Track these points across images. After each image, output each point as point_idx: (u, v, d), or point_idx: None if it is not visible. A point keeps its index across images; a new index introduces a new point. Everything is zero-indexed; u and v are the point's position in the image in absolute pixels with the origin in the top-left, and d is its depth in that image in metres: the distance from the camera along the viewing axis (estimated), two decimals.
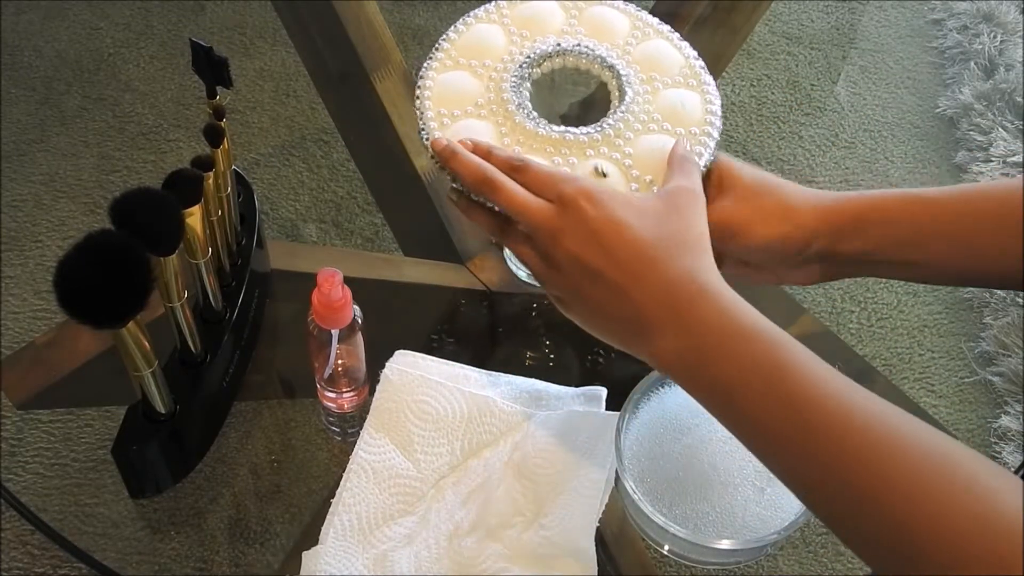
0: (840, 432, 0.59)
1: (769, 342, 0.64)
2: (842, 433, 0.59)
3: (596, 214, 0.69)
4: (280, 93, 1.17)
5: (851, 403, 0.61)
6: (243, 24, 1.23)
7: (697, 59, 0.93)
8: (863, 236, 0.74)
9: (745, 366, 0.63)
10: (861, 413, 0.60)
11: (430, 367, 0.91)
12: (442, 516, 0.85)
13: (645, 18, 0.94)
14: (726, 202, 0.76)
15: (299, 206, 1.07)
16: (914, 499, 0.56)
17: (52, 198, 1.07)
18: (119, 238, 0.71)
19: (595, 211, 0.69)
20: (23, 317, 0.98)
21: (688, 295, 0.66)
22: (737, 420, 0.64)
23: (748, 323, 0.65)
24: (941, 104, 1.21)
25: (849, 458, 0.59)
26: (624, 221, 0.69)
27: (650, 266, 0.67)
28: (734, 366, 0.64)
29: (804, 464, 0.61)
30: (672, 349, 0.66)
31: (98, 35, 1.21)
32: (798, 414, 0.61)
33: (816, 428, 0.60)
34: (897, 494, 0.57)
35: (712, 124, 0.87)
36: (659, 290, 0.67)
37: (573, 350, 0.99)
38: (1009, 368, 0.99)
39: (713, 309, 0.66)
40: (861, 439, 0.59)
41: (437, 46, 0.91)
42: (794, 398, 0.61)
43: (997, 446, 0.95)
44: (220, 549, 0.86)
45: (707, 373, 0.65)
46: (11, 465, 0.90)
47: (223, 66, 0.84)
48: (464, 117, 0.87)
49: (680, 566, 0.85)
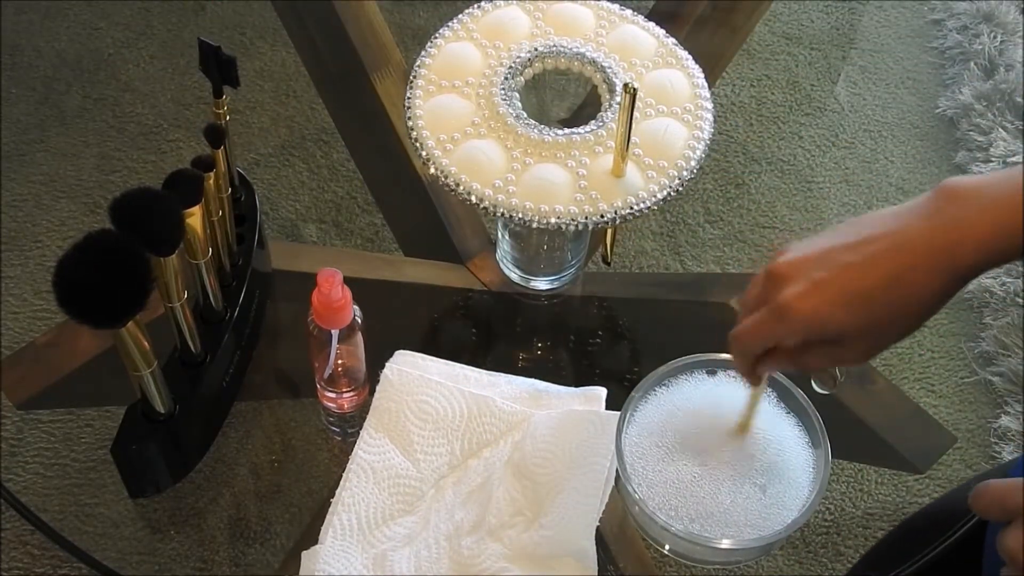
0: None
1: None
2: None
3: (784, 259, 0.67)
4: (280, 93, 1.17)
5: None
6: (243, 24, 1.23)
7: (667, 36, 0.95)
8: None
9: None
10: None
11: (430, 367, 0.91)
12: (442, 516, 0.85)
13: (606, 6, 0.96)
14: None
15: (299, 206, 1.07)
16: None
17: (52, 198, 1.07)
18: (119, 238, 0.71)
19: (782, 258, 0.67)
20: (23, 317, 0.98)
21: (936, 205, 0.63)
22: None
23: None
24: (941, 104, 1.21)
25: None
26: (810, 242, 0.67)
27: (878, 226, 0.65)
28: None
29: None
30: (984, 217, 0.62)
31: (98, 35, 1.21)
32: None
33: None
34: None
35: (702, 96, 0.88)
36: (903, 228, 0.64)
37: (573, 350, 0.99)
38: (1009, 368, 0.99)
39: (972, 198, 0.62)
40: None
41: (414, 73, 0.92)
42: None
43: (997, 446, 0.95)
44: (220, 549, 0.86)
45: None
46: (11, 465, 0.90)
47: (231, 65, 0.84)
48: (465, 139, 0.87)
49: (680, 566, 0.85)
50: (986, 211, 0.62)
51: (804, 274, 0.65)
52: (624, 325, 1.02)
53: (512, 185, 0.86)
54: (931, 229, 0.63)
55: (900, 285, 0.63)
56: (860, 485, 0.92)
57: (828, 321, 0.65)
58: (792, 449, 0.82)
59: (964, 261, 0.62)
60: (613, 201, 0.86)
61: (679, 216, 1.09)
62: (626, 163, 0.86)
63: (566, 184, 0.86)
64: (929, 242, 0.63)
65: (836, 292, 0.65)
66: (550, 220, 0.85)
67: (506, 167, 0.87)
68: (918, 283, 0.63)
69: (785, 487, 0.80)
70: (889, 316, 0.64)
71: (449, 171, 0.87)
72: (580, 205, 0.86)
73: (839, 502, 0.91)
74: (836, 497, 0.92)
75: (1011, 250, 0.62)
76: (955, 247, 0.62)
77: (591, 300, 1.03)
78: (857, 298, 0.64)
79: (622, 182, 0.86)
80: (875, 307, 0.64)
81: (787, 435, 0.83)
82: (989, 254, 0.62)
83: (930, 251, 0.63)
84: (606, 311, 1.03)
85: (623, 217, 0.86)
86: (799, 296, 0.65)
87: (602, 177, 0.87)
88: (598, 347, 0.99)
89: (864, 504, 0.91)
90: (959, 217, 0.62)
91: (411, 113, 0.90)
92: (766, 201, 1.11)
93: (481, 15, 0.95)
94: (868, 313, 0.64)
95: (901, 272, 0.63)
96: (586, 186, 0.86)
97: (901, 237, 0.64)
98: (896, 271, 0.63)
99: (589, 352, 0.98)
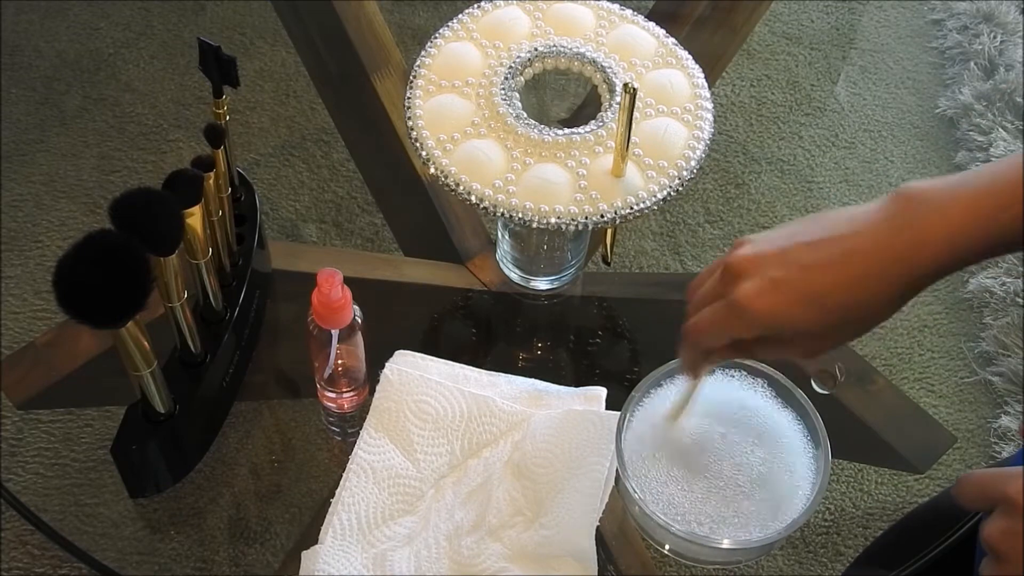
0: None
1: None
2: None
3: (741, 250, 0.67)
4: (280, 93, 1.17)
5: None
6: (243, 24, 1.23)
7: (667, 36, 0.95)
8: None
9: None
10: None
11: (430, 367, 0.91)
12: (442, 516, 0.85)
13: (606, 6, 0.96)
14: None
15: (299, 206, 1.07)
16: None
17: (52, 198, 1.07)
18: (119, 238, 0.71)
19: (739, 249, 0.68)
20: (23, 317, 0.98)
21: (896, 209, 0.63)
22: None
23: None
24: (941, 104, 1.21)
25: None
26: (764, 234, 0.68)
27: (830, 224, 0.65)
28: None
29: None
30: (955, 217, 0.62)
31: (98, 35, 1.21)
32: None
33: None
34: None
35: (702, 96, 0.88)
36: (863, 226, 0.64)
37: (573, 350, 0.99)
38: (1009, 368, 0.99)
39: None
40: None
41: (414, 73, 0.92)
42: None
43: (997, 446, 0.95)
44: (220, 549, 0.86)
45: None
46: (11, 465, 0.90)
47: (231, 65, 0.84)
48: (465, 139, 0.87)
49: (680, 566, 0.85)
50: (944, 215, 0.62)
51: (761, 271, 0.66)
52: (624, 325, 1.02)
53: (512, 185, 0.86)
54: (887, 237, 0.63)
55: (855, 290, 0.64)
56: (860, 485, 0.92)
57: (785, 320, 0.66)
58: (792, 449, 0.82)
59: (919, 270, 0.63)
60: (613, 201, 0.86)
61: (679, 216, 1.09)
62: (626, 163, 0.86)
63: (566, 184, 0.86)
64: (884, 250, 0.63)
65: (793, 292, 0.65)
66: (550, 220, 0.85)
67: (506, 167, 0.87)
68: (871, 289, 0.64)
69: (785, 487, 0.80)
70: (843, 318, 0.65)
71: (449, 171, 0.87)
72: (580, 205, 0.86)
73: (839, 502, 0.91)
74: (836, 497, 0.92)
75: (967, 256, 0.62)
76: (909, 256, 0.63)
77: (591, 300, 1.03)
78: (813, 299, 0.65)
79: (622, 182, 0.86)
80: (830, 309, 0.65)
81: (787, 435, 0.83)
82: (949, 257, 0.62)
83: (883, 260, 0.63)
84: (606, 311, 1.03)
85: (623, 217, 0.86)
86: (757, 293, 0.66)
87: (602, 177, 0.87)
88: (598, 347, 0.99)
89: (864, 504, 0.91)
90: (917, 222, 0.62)
91: (411, 113, 0.90)
92: (766, 201, 1.11)
93: (481, 15, 0.95)
94: (823, 315, 0.65)
95: (855, 279, 0.64)
96: (586, 186, 0.86)
97: (856, 242, 0.64)
98: (851, 277, 0.64)
99: (589, 352, 0.98)
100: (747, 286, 0.66)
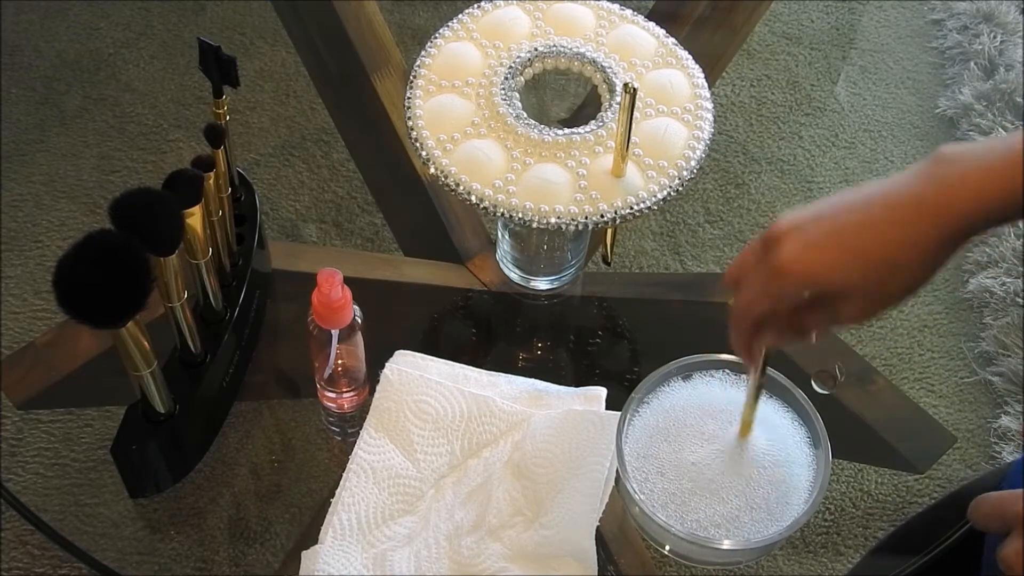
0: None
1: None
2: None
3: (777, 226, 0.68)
4: (280, 93, 1.17)
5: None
6: (243, 24, 1.23)
7: (667, 36, 0.95)
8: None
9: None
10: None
11: (430, 367, 0.91)
12: (442, 516, 0.85)
13: (606, 6, 0.96)
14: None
15: (299, 206, 1.07)
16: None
17: (52, 198, 1.07)
18: (119, 238, 0.71)
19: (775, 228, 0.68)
20: (23, 317, 0.98)
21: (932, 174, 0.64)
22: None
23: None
24: (941, 104, 1.21)
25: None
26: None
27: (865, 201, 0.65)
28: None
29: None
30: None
31: (98, 35, 1.21)
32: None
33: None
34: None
35: (702, 96, 0.88)
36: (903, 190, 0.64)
37: (573, 350, 0.99)
38: (1009, 368, 0.99)
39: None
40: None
41: (414, 73, 0.92)
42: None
43: (997, 446, 0.95)
44: (220, 549, 0.86)
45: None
46: (11, 465, 0.90)
47: (231, 65, 0.84)
48: (465, 139, 0.87)
49: (680, 566, 0.85)
50: (975, 170, 0.62)
51: (800, 234, 0.66)
52: (624, 325, 1.02)
53: (512, 185, 0.86)
54: (921, 188, 0.63)
55: (893, 241, 0.64)
56: (860, 485, 0.92)
57: (828, 277, 0.65)
58: (792, 449, 0.82)
59: (955, 219, 0.63)
60: (613, 201, 0.86)
61: (679, 216, 1.09)
62: (626, 163, 0.86)
63: (566, 184, 0.86)
64: (919, 199, 0.63)
65: (834, 248, 0.65)
66: (550, 220, 0.85)
67: (506, 167, 0.87)
68: (910, 239, 0.64)
69: (785, 487, 0.80)
70: (887, 272, 0.65)
71: (449, 171, 0.87)
72: (580, 205, 0.86)
73: (839, 502, 0.91)
74: (836, 497, 0.92)
75: (1005, 209, 0.62)
76: (945, 204, 0.63)
77: (591, 300, 1.03)
78: (852, 253, 0.65)
79: (622, 182, 0.86)
80: (871, 262, 0.65)
81: (787, 435, 0.83)
82: (980, 212, 0.62)
83: (920, 208, 0.63)
84: (606, 311, 1.03)
85: (623, 217, 0.86)
86: (798, 254, 0.66)
87: (602, 177, 0.87)
88: (598, 347, 0.99)
89: (864, 504, 0.91)
90: (949, 176, 0.63)
91: (411, 113, 0.90)
92: (766, 201, 1.11)
93: (481, 15, 0.96)
94: (864, 268, 0.65)
95: (892, 228, 0.64)
96: (586, 186, 0.86)
97: (893, 197, 0.64)
98: (888, 228, 0.64)
99: (589, 352, 0.98)
100: (787, 248, 0.66)
